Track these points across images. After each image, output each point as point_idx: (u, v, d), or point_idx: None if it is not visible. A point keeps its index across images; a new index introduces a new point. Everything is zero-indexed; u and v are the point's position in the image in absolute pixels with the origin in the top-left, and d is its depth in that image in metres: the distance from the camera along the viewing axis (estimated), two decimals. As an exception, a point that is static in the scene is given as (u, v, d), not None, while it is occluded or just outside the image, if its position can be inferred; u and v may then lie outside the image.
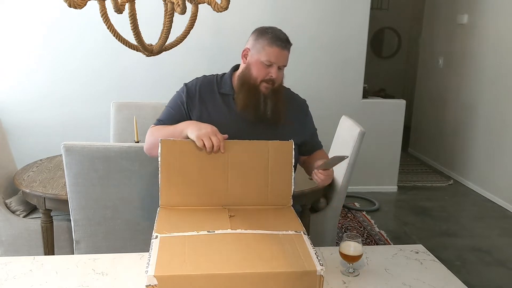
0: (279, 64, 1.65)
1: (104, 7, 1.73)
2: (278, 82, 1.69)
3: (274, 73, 1.64)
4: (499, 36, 4.34)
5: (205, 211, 1.51)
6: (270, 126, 1.71)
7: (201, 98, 1.73)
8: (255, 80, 1.65)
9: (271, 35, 1.64)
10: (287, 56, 1.67)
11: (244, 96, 1.67)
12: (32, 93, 3.90)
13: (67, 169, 2.09)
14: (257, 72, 1.65)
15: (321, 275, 1.18)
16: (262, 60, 1.64)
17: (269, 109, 1.66)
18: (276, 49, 1.63)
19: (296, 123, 1.80)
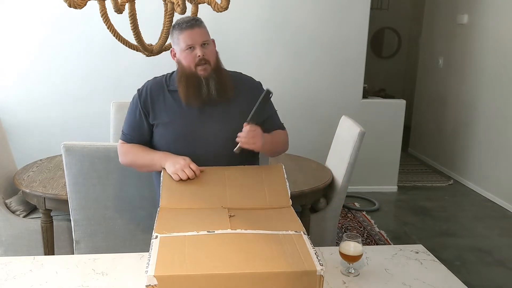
0: (197, 42, 1.67)
1: (104, 7, 1.73)
2: (213, 60, 1.71)
3: (199, 51, 1.66)
4: (499, 36, 4.34)
5: (205, 211, 1.51)
6: (222, 108, 1.73)
7: (152, 100, 1.76)
8: (189, 68, 1.68)
9: (177, 24, 1.70)
10: (201, 32, 1.68)
11: (184, 86, 1.69)
12: (32, 93, 3.90)
13: (67, 169, 2.09)
14: (186, 61, 1.68)
15: (321, 275, 1.18)
16: (183, 49, 1.67)
17: (212, 88, 1.68)
18: (186, 32, 1.66)
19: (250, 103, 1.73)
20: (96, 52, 3.88)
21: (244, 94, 1.78)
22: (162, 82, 1.80)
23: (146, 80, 1.88)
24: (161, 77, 1.82)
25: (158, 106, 1.75)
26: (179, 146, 1.72)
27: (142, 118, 1.77)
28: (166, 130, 1.74)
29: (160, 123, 1.75)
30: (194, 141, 1.72)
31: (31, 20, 3.77)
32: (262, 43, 4.11)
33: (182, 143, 1.72)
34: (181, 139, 1.72)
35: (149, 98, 1.77)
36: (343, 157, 2.69)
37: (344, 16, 4.15)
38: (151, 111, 1.76)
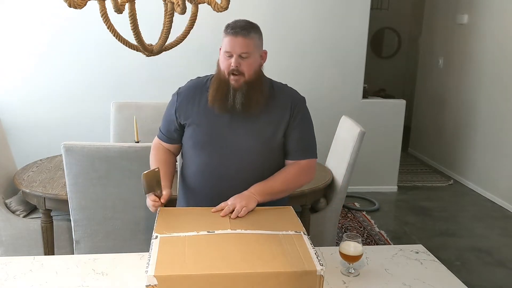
0: (235, 52, 1.59)
1: (104, 7, 1.73)
2: (249, 73, 1.62)
3: (233, 62, 1.60)
4: (499, 36, 4.34)
5: (205, 212, 1.51)
6: (253, 118, 1.66)
7: (188, 99, 1.73)
8: (223, 74, 1.64)
9: (228, 26, 1.63)
10: (243, 43, 1.59)
11: (214, 89, 1.66)
12: (32, 93, 3.90)
13: (67, 169, 2.09)
14: (222, 65, 1.64)
15: (321, 275, 1.18)
16: (223, 52, 1.63)
17: (238, 102, 1.62)
18: (229, 38, 1.60)
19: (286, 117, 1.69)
20: (96, 52, 3.88)
21: (281, 107, 1.69)
22: (203, 82, 1.75)
23: (146, 80, 1.89)
24: (203, 78, 1.78)
25: (192, 106, 1.71)
26: (205, 150, 1.69)
27: (174, 117, 1.74)
28: (195, 131, 1.70)
29: (191, 123, 1.71)
30: (220, 148, 1.67)
31: (31, 20, 3.77)
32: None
33: (208, 148, 1.68)
34: (207, 144, 1.68)
35: (185, 98, 1.74)
36: (343, 157, 2.69)
37: (344, 16, 4.15)
38: (184, 111, 1.72)
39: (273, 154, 1.71)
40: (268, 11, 4.05)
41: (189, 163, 1.75)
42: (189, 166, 1.76)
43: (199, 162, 1.70)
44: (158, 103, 3.26)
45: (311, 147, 1.75)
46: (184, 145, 1.77)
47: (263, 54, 1.69)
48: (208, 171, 1.69)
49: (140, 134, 2.79)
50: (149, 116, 3.14)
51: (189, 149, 1.74)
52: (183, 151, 1.80)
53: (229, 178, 1.66)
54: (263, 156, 1.68)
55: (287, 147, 1.72)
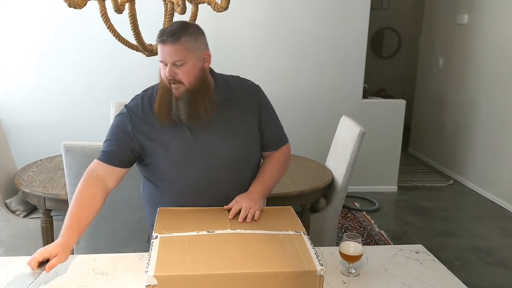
0: (167, 61, 1.47)
1: (104, 7, 1.73)
2: (188, 80, 1.49)
3: (167, 72, 1.47)
4: (499, 36, 4.34)
5: (205, 212, 1.51)
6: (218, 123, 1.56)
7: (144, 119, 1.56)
8: (164, 83, 1.52)
9: (159, 32, 1.49)
10: (173, 51, 1.45)
11: (158, 99, 1.53)
12: (32, 93, 3.89)
13: (67, 169, 2.09)
14: (162, 74, 1.52)
15: (321, 275, 1.18)
16: (159, 61, 1.51)
17: (182, 112, 1.49)
18: (159, 46, 1.48)
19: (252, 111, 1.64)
20: (96, 52, 3.88)
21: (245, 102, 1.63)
22: (151, 95, 1.60)
23: (146, 80, 1.85)
24: (151, 90, 1.62)
25: (151, 125, 1.55)
26: (187, 166, 1.56)
27: (131, 136, 1.55)
28: (168, 150, 1.55)
29: (156, 144, 1.55)
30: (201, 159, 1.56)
31: (31, 20, 3.77)
32: (262, 43, 4.11)
33: (190, 163, 1.56)
34: (188, 159, 1.55)
35: (140, 117, 1.56)
36: (343, 157, 2.69)
37: (344, 16, 4.15)
38: (144, 131, 1.55)
39: (253, 149, 1.66)
40: (268, 11, 4.05)
41: (168, 184, 1.60)
42: (166, 187, 1.60)
43: (181, 178, 1.57)
44: (158, 103, 3.26)
45: (282, 132, 1.76)
46: (152, 167, 1.61)
47: (206, 56, 1.54)
48: (195, 185, 1.57)
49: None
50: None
51: (163, 170, 1.59)
52: (151, 174, 1.63)
53: (218, 187, 1.58)
54: (244, 155, 1.62)
55: (264, 140, 1.69)
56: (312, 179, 2.67)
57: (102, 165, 1.56)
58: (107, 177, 1.56)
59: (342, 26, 4.17)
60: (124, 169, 1.59)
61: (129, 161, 1.59)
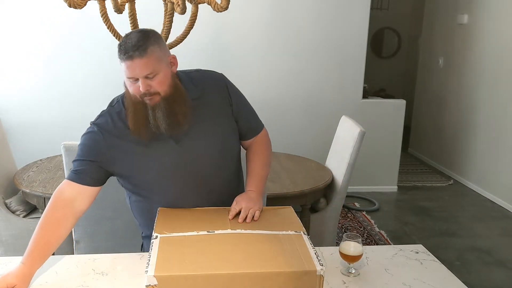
0: (139, 76, 1.39)
1: (104, 7, 1.73)
2: (162, 89, 1.43)
3: (142, 87, 1.39)
4: (499, 36, 4.34)
5: (205, 212, 1.51)
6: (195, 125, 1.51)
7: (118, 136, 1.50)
8: (135, 97, 1.44)
9: (120, 48, 1.40)
10: (142, 64, 1.37)
11: (132, 116, 1.45)
12: (32, 93, 3.90)
13: (67, 169, 2.09)
14: (130, 89, 1.44)
15: (321, 275, 1.18)
16: (126, 78, 1.43)
17: (161, 122, 1.43)
18: (126, 63, 1.38)
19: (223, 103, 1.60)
20: (96, 52, 3.88)
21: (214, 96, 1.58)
22: (117, 111, 1.52)
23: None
24: (116, 107, 1.54)
25: (130, 145, 1.48)
26: (170, 177, 1.51)
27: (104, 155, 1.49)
28: (148, 168, 1.50)
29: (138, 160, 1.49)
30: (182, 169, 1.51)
31: (31, 21, 3.77)
32: (262, 43, 4.11)
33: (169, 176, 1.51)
34: (167, 173, 1.51)
35: (112, 134, 1.49)
36: (343, 157, 2.69)
37: (344, 16, 4.15)
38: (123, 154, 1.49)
39: (232, 141, 1.63)
40: (268, 11, 4.05)
41: (156, 195, 1.55)
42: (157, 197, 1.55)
43: (172, 187, 1.54)
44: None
45: (257, 118, 1.72)
46: (138, 187, 1.56)
47: (172, 60, 1.49)
48: (185, 192, 1.54)
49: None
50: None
51: (149, 187, 1.54)
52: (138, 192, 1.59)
53: (208, 188, 1.56)
54: (226, 149, 1.59)
55: (240, 129, 1.66)
56: (312, 179, 2.67)
57: (72, 185, 1.47)
58: (78, 198, 1.48)
59: (342, 26, 4.17)
60: (97, 188, 1.52)
61: (102, 180, 1.53)
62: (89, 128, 1.54)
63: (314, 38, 4.16)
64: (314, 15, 4.12)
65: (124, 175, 1.55)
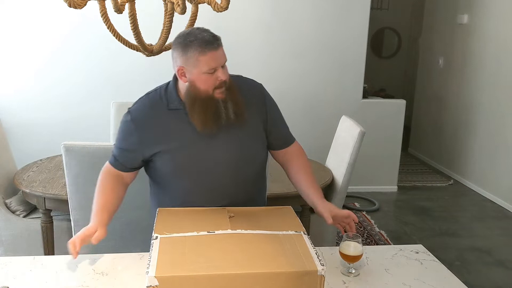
0: (221, 64, 1.50)
1: (104, 7, 1.73)
2: (228, 78, 1.54)
3: (222, 75, 1.49)
4: (499, 36, 4.34)
5: (205, 212, 1.51)
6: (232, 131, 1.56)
7: (152, 125, 1.56)
8: (206, 92, 1.49)
9: (197, 43, 1.46)
10: (223, 52, 1.50)
11: (201, 112, 1.50)
12: (32, 93, 3.89)
13: (67, 169, 2.09)
14: (205, 84, 1.49)
15: (322, 275, 1.18)
16: (204, 71, 1.47)
17: (231, 111, 1.52)
18: (211, 54, 1.46)
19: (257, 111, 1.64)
20: (96, 52, 3.88)
21: (252, 105, 1.62)
22: (158, 99, 1.59)
23: (146, 80, 1.85)
24: (153, 94, 1.62)
25: (160, 131, 1.55)
26: (188, 173, 1.56)
27: (137, 146, 1.57)
28: (172, 157, 1.55)
29: (163, 150, 1.55)
30: (203, 165, 1.55)
31: (31, 21, 3.76)
32: (262, 43, 4.11)
33: (193, 170, 1.56)
34: (188, 164, 1.55)
35: (147, 123, 1.56)
36: (343, 157, 2.69)
37: (344, 16, 4.15)
38: (153, 138, 1.55)
39: (257, 149, 1.65)
40: (268, 11, 4.05)
41: (172, 190, 1.61)
42: (172, 192, 1.61)
43: (188, 184, 1.58)
44: (158, 103, 3.26)
45: (288, 130, 1.76)
46: (158, 174, 1.62)
47: None
48: (201, 191, 1.58)
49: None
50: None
51: (169, 175, 1.59)
52: (157, 179, 1.64)
53: (223, 188, 1.58)
54: (248, 155, 1.61)
55: (272, 139, 1.69)
56: (312, 179, 2.67)
57: (114, 169, 1.63)
58: (123, 175, 1.64)
59: (342, 26, 4.16)
60: (135, 172, 1.66)
61: (138, 167, 1.65)
62: (125, 116, 1.61)
63: (314, 38, 4.16)
64: (314, 15, 4.12)
65: (149, 158, 1.60)
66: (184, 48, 1.47)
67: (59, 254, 2.46)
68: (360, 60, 4.25)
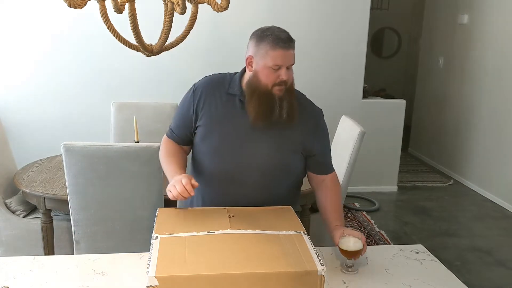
0: (286, 65, 1.56)
1: (104, 7, 1.73)
2: (290, 81, 1.60)
3: (284, 75, 1.55)
4: (499, 36, 4.34)
5: (205, 212, 1.51)
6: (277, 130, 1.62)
7: (206, 98, 1.65)
8: (266, 86, 1.57)
9: (271, 38, 1.54)
10: (292, 54, 1.57)
11: (257, 104, 1.57)
12: (32, 93, 3.89)
13: (67, 169, 2.09)
14: (266, 78, 1.56)
15: (322, 275, 1.18)
16: (269, 66, 1.54)
17: (284, 110, 1.58)
18: (280, 51, 1.53)
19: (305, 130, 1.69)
20: (96, 52, 3.88)
21: (302, 122, 1.66)
22: (222, 81, 1.68)
23: (146, 80, 1.86)
24: (221, 75, 1.71)
25: (210, 107, 1.64)
26: (221, 156, 1.62)
27: (190, 115, 1.67)
28: (212, 134, 1.63)
29: (207, 124, 1.63)
30: (238, 155, 1.61)
31: (31, 20, 3.76)
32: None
33: (225, 154, 1.62)
34: (224, 148, 1.62)
35: (203, 96, 1.66)
36: (343, 157, 2.69)
37: (344, 16, 4.15)
38: (201, 110, 1.65)
39: (293, 162, 1.69)
40: (268, 11, 4.05)
41: (202, 167, 1.68)
42: (202, 169, 1.68)
43: (213, 167, 1.64)
44: (158, 103, 3.26)
45: (330, 160, 1.80)
46: (197, 146, 1.69)
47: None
48: (223, 178, 1.63)
49: (140, 134, 2.79)
50: (149, 116, 3.14)
51: (203, 152, 1.67)
52: (195, 152, 1.72)
53: (245, 186, 1.62)
54: (282, 164, 1.65)
55: (315, 163, 1.73)
56: (312, 179, 2.67)
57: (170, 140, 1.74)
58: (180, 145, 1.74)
59: (342, 26, 4.16)
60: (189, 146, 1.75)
61: (189, 140, 1.72)
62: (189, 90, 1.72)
63: (314, 38, 4.15)
64: (314, 15, 4.12)
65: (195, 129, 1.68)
66: (259, 39, 1.56)
67: (59, 254, 2.47)
68: (360, 60, 4.25)
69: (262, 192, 1.64)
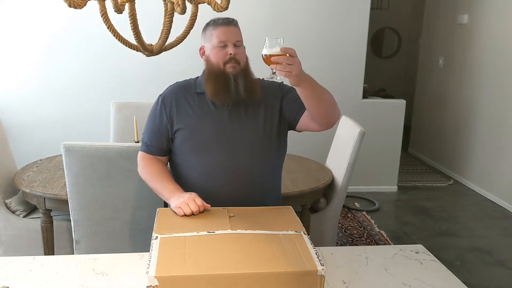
0: (231, 40, 1.65)
1: (104, 7, 1.73)
2: (243, 60, 1.68)
3: (231, 50, 1.64)
4: (499, 36, 4.34)
5: (205, 212, 1.51)
6: (251, 112, 1.69)
7: (178, 103, 1.71)
8: (218, 66, 1.65)
9: (213, 21, 1.68)
10: (236, 31, 1.67)
11: (212, 83, 1.65)
12: (32, 93, 3.89)
13: (67, 169, 2.09)
14: (216, 57, 1.65)
15: (322, 275, 1.18)
16: (215, 45, 1.64)
17: (241, 87, 1.64)
18: (221, 28, 1.65)
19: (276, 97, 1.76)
20: (96, 52, 3.88)
21: (270, 98, 1.74)
22: (188, 85, 1.76)
23: (146, 80, 1.88)
24: (185, 81, 1.78)
25: (185, 110, 1.69)
26: (209, 151, 1.66)
27: (164, 124, 1.70)
28: (193, 133, 1.67)
29: (185, 126, 1.68)
30: (225, 145, 1.66)
31: (31, 20, 3.76)
32: (261, 43, 4.10)
33: (213, 148, 1.66)
34: (211, 143, 1.66)
35: (174, 102, 1.71)
36: (343, 157, 2.69)
37: (344, 16, 4.15)
38: (176, 115, 1.69)
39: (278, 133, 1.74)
40: (268, 11, 4.05)
41: (189, 168, 1.70)
42: (189, 171, 1.70)
43: (204, 163, 1.67)
44: (158, 103, 3.26)
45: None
46: (177, 151, 1.72)
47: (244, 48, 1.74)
48: (217, 171, 1.66)
49: (140, 134, 2.79)
50: (149, 116, 3.14)
51: (187, 153, 1.69)
52: (176, 158, 1.74)
53: (241, 173, 1.67)
54: (269, 139, 1.71)
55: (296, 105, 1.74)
56: (312, 179, 2.67)
57: (148, 154, 1.75)
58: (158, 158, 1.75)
59: (342, 26, 4.16)
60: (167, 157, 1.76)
61: (167, 149, 1.75)
62: (155, 101, 1.76)
63: (314, 38, 4.16)
64: (314, 15, 4.12)
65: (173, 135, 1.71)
66: (204, 29, 1.70)
67: (59, 254, 2.47)
68: (360, 60, 4.25)
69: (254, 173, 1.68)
